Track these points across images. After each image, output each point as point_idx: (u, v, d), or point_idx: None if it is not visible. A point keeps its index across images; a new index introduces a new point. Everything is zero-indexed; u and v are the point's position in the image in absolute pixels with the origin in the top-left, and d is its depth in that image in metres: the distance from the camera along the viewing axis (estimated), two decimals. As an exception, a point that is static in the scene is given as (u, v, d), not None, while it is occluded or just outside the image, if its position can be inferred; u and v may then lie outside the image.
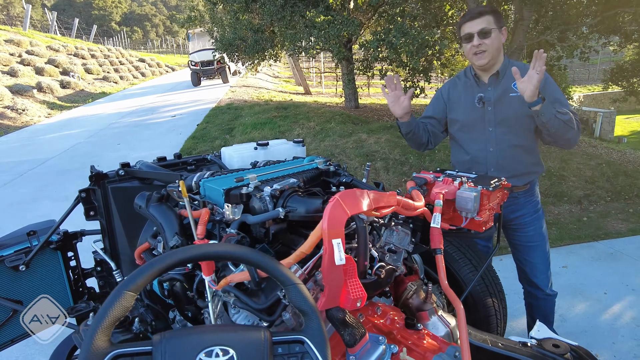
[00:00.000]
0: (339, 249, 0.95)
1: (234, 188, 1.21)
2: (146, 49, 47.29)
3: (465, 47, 2.03)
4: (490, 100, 2.05)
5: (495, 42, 1.95)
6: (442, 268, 1.32)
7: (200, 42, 16.55)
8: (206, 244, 0.81)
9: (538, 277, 2.28)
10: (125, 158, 7.23)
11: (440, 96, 2.24)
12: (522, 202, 2.20)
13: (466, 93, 2.13)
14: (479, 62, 1.99)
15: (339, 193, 1.01)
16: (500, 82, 2.04)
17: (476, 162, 2.16)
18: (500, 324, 2.10)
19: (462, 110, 2.14)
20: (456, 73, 8.50)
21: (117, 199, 1.71)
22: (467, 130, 2.15)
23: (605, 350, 2.70)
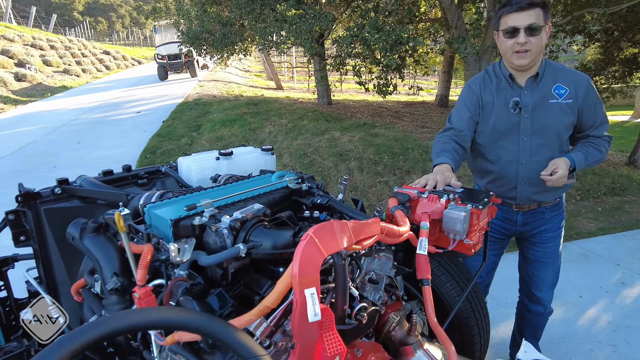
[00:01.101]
0: (314, 301, 0.77)
1: (185, 218, 1.01)
2: (111, 41, 45.40)
3: (505, 42, 1.71)
4: (527, 106, 1.79)
5: (541, 41, 1.69)
6: (430, 301, 1.16)
7: (167, 35, 15.95)
8: (133, 312, 0.61)
9: (544, 293, 2.15)
10: (86, 157, 6.83)
11: (472, 92, 1.91)
12: (549, 217, 2.02)
13: (499, 95, 1.85)
14: (519, 62, 1.71)
15: (313, 228, 0.83)
16: (538, 86, 1.79)
17: (504, 174, 1.92)
18: (484, 342, 2.00)
19: (494, 115, 1.86)
20: (429, 70, 8.45)
21: (53, 222, 1.46)
22: (496, 138, 1.89)
23: (584, 357, 2.66)
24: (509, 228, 2.07)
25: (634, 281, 3.51)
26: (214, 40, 7.70)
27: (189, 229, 0.98)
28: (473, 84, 1.93)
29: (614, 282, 3.50)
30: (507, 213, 2.04)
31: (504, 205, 2.02)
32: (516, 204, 1.97)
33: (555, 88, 1.77)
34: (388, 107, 11.49)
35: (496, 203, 1.89)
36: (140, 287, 0.85)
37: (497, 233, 2.10)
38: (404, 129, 8.01)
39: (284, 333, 0.91)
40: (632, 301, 3.23)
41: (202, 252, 0.92)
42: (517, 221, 2.03)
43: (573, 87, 1.76)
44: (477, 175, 2.10)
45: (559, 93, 1.77)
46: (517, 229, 2.05)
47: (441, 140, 1.83)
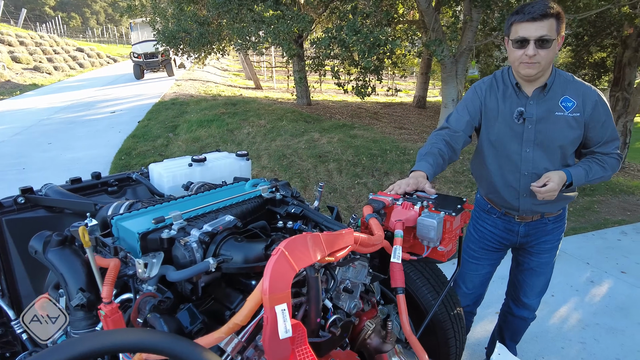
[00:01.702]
0: (284, 317, 0.76)
1: (153, 231, 0.98)
2: (85, 38, 44.12)
3: (514, 52, 1.65)
4: (532, 117, 1.73)
5: (551, 54, 1.61)
6: (405, 310, 1.17)
7: (143, 33, 15.63)
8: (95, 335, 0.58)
9: (531, 299, 2.15)
10: (57, 159, 6.62)
11: (477, 96, 1.85)
12: (550, 229, 1.97)
13: (504, 103, 1.79)
14: (527, 72, 1.65)
15: (284, 242, 0.82)
16: (545, 97, 1.72)
17: (506, 184, 1.88)
18: (459, 344, 2.02)
19: (498, 123, 1.81)
20: (407, 72, 8.50)
21: (16, 234, 1.39)
22: (498, 146, 1.83)
23: (555, 355, 2.73)
24: (510, 239, 2.03)
25: (602, 279, 3.62)
26: (190, 40, 7.58)
27: (157, 242, 0.96)
28: (479, 87, 1.87)
29: (583, 280, 3.61)
30: (509, 224, 1.99)
31: (506, 215, 1.98)
32: (519, 215, 1.93)
33: (562, 100, 1.72)
34: (367, 108, 11.56)
35: (499, 212, 1.93)
36: (107, 304, 0.82)
37: (496, 243, 2.06)
38: (382, 130, 8.07)
39: (255, 348, 0.90)
40: (601, 299, 3.34)
41: (171, 266, 0.90)
42: (519, 232, 1.99)
43: (581, 100, 1.70)
44: (480, 183, 2.05)
45: (565, 106, 1.71)
46: (519, 239, 2.01)
47: (432, 139, 1.80)
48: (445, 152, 1.78)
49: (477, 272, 2.15)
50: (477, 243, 2.10)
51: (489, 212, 2.04)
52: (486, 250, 2.10)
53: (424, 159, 1.70)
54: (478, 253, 2.11)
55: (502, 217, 2.00)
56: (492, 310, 3.20)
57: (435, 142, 1.80)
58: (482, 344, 2.80)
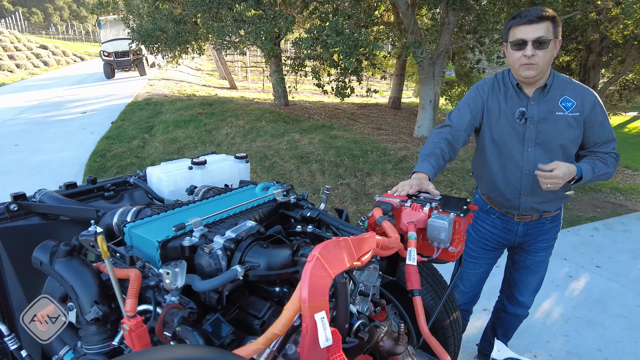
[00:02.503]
0: (324, 325, 0.74)
1: (173, 239, 0.93)
2: (48, 34, 42.32)
3: (513, 54, 1.71)
4: (533, 117, 1.78)
5: (549, 55, 1.67)
6: (422, 312, 1.17)
7: (113, 31, 15.14)
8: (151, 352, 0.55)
9: (525, 297, 2.20)
10: (26, 161, 6.31)
11: (479, 96, 1.88)
12: (547, 228, 2.02)
13: (506, 104, 1.83)
14: (526, 74, 1.70)
15: (318, 248, 0.80)
16: (545, 97, 1.78)
17: (508, 183, 1.91)
18: (457, 342, 2.06)
19: (500, 123, 1.85)
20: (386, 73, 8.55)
21: (8, 243, 1.31)
22: (501, 146, 1.87)
23: (541, 349, 2.81)
24: (509, 238, 2.06)
25: (579, 274, 3.76)
26: (166, 39, 7.39)
27: (178, 250, 0.92)
28: (482, 87, 1.90)
29: (562, 275, 3.74)
30: (508, 223, 2.02)
31: (506, 215, 2.01)
32: (518, 214, 1.97)
33: (562, 100, 1.76)
34: (344, 109, 11.60)
35: (498, 212, 1.96)
36: (131, 318, 0.78)
37: (495, 243, 2.10)
38: (361, 130, 8.12)
39: (285, 356, 0.87)
40: (579, 293, 3.47)
41: (196, 276, 0.86)
42: (518, 232, 2.02)
43: (580, 101, 1.75)
44: (480, 182, 2.07)
45: (565, 106, 1.76)
46: (517, 239, 2.05)
47: (434, 138, 1.80)
48: (447, 152, 1.80)
49: (474, 271, 2.19)
50: (476, 243, 2.13)
51: (488, 212, 2.07)
52: (484, 249, 2.13)
53: (426, 160, 1.71)
54: (476, 252, 2.14)
55: (501, 217, 2.02)
56: (481, 307, 3.26)
57: (437, 141, 1.81)
58: (473, 341, 2.86)
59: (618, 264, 3.96)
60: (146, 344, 0.82)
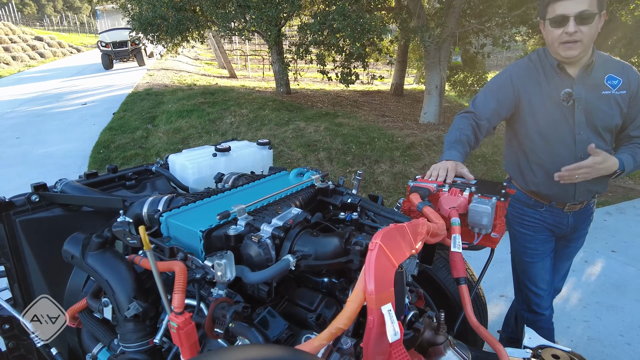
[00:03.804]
0: (392, 318, 0.69)
1: (217, 227, 0.87)
2: (43, 26, 41.79)
3: (552, 31, 1.55)
4: (580, 97, 1.63)
5: (594, 31, 1.51)
6: (469, 301, 1.12)
7: (110, 21, 14.90)
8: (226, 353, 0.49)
9: (558, 283, 2.11)
10: (28, 154, 6.22)
11: (510, 83, 1.73)
12: (589, 214, 1.92)
13: (549, 86, 1.68)
14: (567, 54, 1.56)
15: (378, 235, 0.73)
16: (590, 75, 1.63)
17: None
18: (484, 324, 2.02)
19: (544, 109, 1.69)
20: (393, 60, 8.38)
21: (31, 236, 1.25)
22: (547, 134, 1.71)
23: (562, 335, 2.78)
24: (558, 232, 1.93)
25: (595, 259, 3.72)
26: (167, 27, 7.24)
27: (222, 240, 0.85)
28: (514, 72, 1.75)
29: (578, 260, 3.70)
30: (558, 216, 1.88)
31: (555, 207, 1.86)
32: (571, 203, 1.83)
33: (607, 79, 1.64)
34: (346, 96, 11.48)
35: (547, 205, 1.85)
36: (178, 315, 0.72)
37: (547, 234, 1.93)
38: (365, 118, 8.02)
39: (339, 350, 0.82)
40: (596, 278, 3.43)
41: (245, 267, 0.80)
42: (569, 223, 1.89)
43: (626, 78, 1.64)
44: (523, 178, 1.88)
45: (612, 84, 1.64)
46: (567, 231, 1.92)
47: (459, 124, 1.71)
48: (472, 139, 1.70)
49: (544, 268, 1.98)
50: (533, 240, 1.93)
51: (533, 207, 1.90)
52: (545, 242, 1.94)
53: (453, 148, 1.62)
54: (539, 250, 1.94)
55: (550, 210, 1.88)
56: (497, 293, 3.23)
57: (462, 127, 1.71)
58: (490, 327, 2.82)
59: (634, 248, 3.92)
60: (194, 343, 0.76)
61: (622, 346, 2.63)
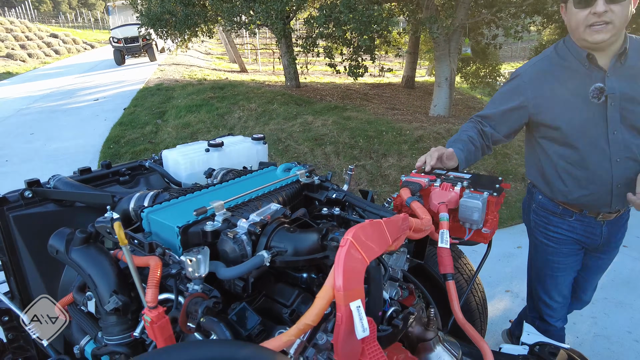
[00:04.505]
0: (361, 315, 0.68)
1: (194, 223, 0.88)
2: (58, 23, 42.41)
3: (576, 14, 1.36)
4: (614, 92, 1.42)
5: (626, 11, 1.31)
6: (456, 297, 1.10)
7: (122, 17, 15.06)
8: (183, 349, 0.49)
9: (588, 294, 1.99)
10: (42, 150, 6.36)
11: (518, 91, 1.58)
12: (624, 222, 1.73)
13: (571, 83, 1.48)
14: (595, 38, 1.35)
15: (350, 232, 0.73)
16: (624, 65, 1.43)
17: (595, 180, 1.54)
18: (484, 325, 2.01)
19: (567, 110, 1.50)
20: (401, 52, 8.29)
21: (25, 231, 1.28)
22: (575, 136, 1.51)
23: (568, 331, 2.72)
24: (589, 243, 1.74)
25: (605, 254, 3.65)
26: (176, 22, 7.29)
27: (200, 236, 0.86)
28: (527, 77, 1.57)
29: (588, 255, 3.63)
30: (589, 226, 1.69)
31: (587, 216, 1.67)
32: (607, 212, 1.64)
33: None
34: (356, 89, 11.41)
35: (577, 214, 1.67)
36: (152, 309, 0.73)
37: (576, 246, 1.76)
38: (374, 111, 7.97)
39: (315, 346, 0.82)
40: (606, 274, 3.31)
41: (220, 262, 0.81)
42: (602, 234, 1.70)
43: None
44: (548, 187, 1.70)
45: None
46: (601, 241, 1.72)
47: (464, 127, 1.65)
48: (477, 140, 1.62)
49: (564, 283, 1.84)
50: (557, 253, 1.78)
51: (561, 215, 1.72)
52: (570, 256, 1.78)
53: (452, 145, 1.57)
54: (563, 263, 1.79)
55: (580, 219, 1.69)
56: (502, 288, 3.20)
57: (466, 129, 1.66)
58: (494, 323, 2.79)
59: (643, 243, 3.83)
60: (169, 336, 0.77)
61: (630, 343, 2.58)
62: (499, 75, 11.20)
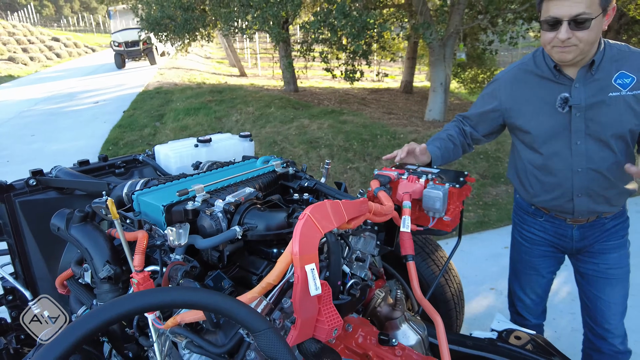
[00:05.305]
0: (314, 276, 0.80)
1: (177, 203, 1.00)
2: (60, 27, 42.72)
3: (544, 34, 1.39)
4: (579, 103, 1.45)
5: (593, 34, 1.31)
6: (415, 276, 1.22)
7: (123, 21, 15.26)
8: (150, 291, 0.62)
9: (611, 322, 1.70)
10: (42, 151, 6.49)
11: (494, 94, 1.64)
12: (610, 227, 1.65)
13: (542, 91, 1.52)
14: (560, 57, 1.39)
15: (309, 208, 0.85)
16: (594, 76, 1.43)
17: (556, 186, 1.59)
18: (459, 316, 2.11)
19: (534, 117, 1.55)
20: (395, 56, 8.43)
21: (29, 215, 1.41)
22: (542, 142, 1.56)
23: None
24: (563, 245, 1.74)
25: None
26: (175, 26, 7.45)
27: (182, 214, 0.98)
28: (501, 80, 1.63)
29: (571, 254, 3.74)
30: (559, 227, 1.70)
31: (556, 218, 1.70)
32: (572, 217, 1.65)
33: (617, 77, 1.41)
34: (354, 94, 11.55)
35: (546, 215, 1.70)
36: (139, 273, 0.85)
37: (549, 248, 1.79)
38: (371, 115, 8.10)
39: (281, 310, 0.94)
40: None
41: (198, 235, 0.93)
42: (573, 237, 1.69)
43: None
44: (521, 187, 1.75)
45: (622, 83, 1.41)
46: (573, 245, 1.71)
47: (446, 126, 1.76)
48: (456, 138, 1.71)
49: (538, 282, 1.88)
50: (530, 252, 1.83)
51: (534, 215, 1.78)
52: (544, 257, 1.81)
53: (431, 143, 1.68)
54: (534, 264, 1.83)
55: (550, 220, 1.72)
56: (487, 286, 3.31)
57: (447, 128, 1.76)
58: (478, 319, 2.90)
59: (632, 244, 3.94)
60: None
61: (604, 336, 2.69)
62: (496, 80, 11.33)
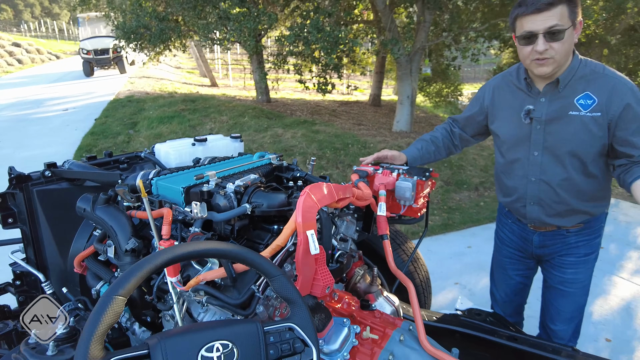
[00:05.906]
0: (313, 239, 1.01)
1: (194, 186, 1.19)
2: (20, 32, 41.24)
3: (522, 49, 1.45)
4: (540, 116, 1.53)
5: (567, 45, 1.39)
6: (390, 252, 1.45)
7: (92, 28, 15.03)
8: (193, 242, 0.80)
9: (557, 325, 1.82)
10: (11, 158, 6.37)
11: (482, 96, 1.77)
12: (573, 242, 1.71)
13: (515, 101, 1.61)
14: (540, 71, 1.45)
15: (309, 187, 1.06)
16: (560, 93, 1.50)
17: (514, 190, 1.71)
18: (427, 300, 2.35)
19: (505, 123, 1.65)
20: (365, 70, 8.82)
21: (44, 203, 1.54)
22: (507, 148, 1.68)
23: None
24: (526, 248, 1.84)
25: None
26: (150, 36, 7.53)
27: (198, 195, 1.17)
28: (487, 85, 1.77)
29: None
30: (523, 231, 1.82)
31: (520, 222, 1.82)
32: (529, 223, 1.76)
33: (581, 97, 1.47)
34: (325, 105, 11.87)
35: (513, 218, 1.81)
36: (166, 241, 1.03)
37: (517, 251, 1.90)
38: (342, 126, 8.41)
39: (283, 273, 1.14)
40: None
41: (214, 212, 1.12)
42: (533, 242, 1.79)
43: (606, 97, 1.43)
44: (496, 185, 1.91)
45: (584, 104, 1.47)
46: (534, 250, 1.81)
47: (436, 128, 1.94)
48: (440, 140, 1.89)
49: (506, 281, 2.00)
50: (501, 250, 1.98)
51: (506, 216, 1.91)
52: (511, 259, 1.94)
53: (414, 144, 1.90)
54: (505, 262, 1.97)
55: (517, 223, 1.84)
56: (452, 281, 3.59)
57: (435, 130, 1.96)
58: (444, 309, 3.14)
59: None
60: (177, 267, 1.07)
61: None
62: (460, 94, 12.00)
